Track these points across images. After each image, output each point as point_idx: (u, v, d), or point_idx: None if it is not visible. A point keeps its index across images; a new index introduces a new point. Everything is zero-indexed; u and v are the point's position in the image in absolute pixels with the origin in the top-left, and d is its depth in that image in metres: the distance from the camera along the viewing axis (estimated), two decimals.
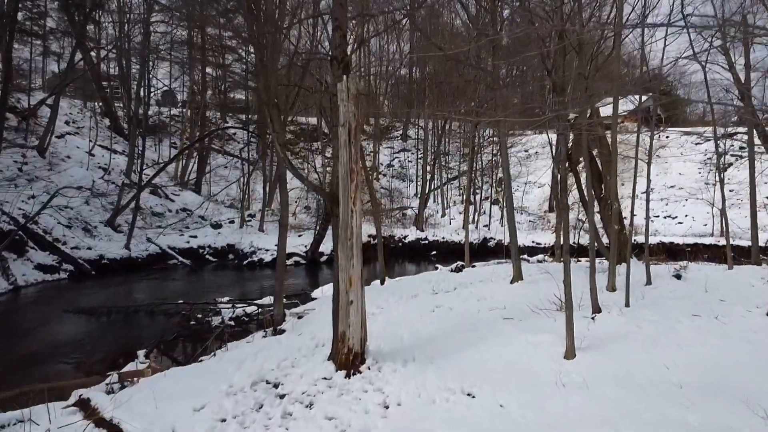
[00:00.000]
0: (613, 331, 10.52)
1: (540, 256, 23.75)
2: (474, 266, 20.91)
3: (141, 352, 12.58)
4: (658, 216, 36.93)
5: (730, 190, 36.18)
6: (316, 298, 17.12)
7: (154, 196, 30.42)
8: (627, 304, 12.57)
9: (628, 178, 39.92)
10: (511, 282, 16.18)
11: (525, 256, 24.44)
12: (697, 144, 41.48)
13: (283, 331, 12.09)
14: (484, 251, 31.07)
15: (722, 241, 32.17)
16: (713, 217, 33.44)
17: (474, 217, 37.60)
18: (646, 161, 17.08)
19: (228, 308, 16.01)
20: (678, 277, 16.73)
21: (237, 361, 8.66)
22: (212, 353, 10.76)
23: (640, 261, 18.00)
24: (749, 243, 18.94)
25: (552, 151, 34.30)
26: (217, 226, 29.72)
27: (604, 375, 8.21)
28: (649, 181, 16.30)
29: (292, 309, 13.78)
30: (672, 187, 39.03)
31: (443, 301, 13.13)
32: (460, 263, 19.71)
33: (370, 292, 14.99)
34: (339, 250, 7.59)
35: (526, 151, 46.99)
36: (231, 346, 11.34)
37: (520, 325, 10.85)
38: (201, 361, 11.28)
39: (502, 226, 38.31)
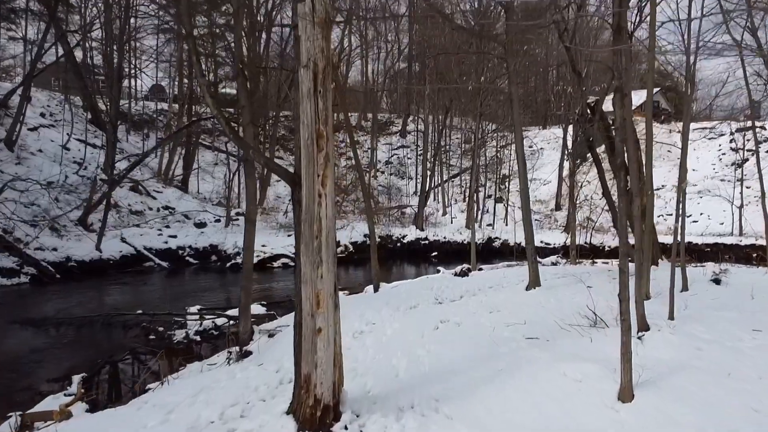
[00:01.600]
0: (669, 357, 8.01)
1: (553, 258, 21.21)
2: (481, 269, 18.41)
3: (77, 378, 10.09)
4: (671, 214, 34.42)
5: (747, 187, 33.78)
6: None
7: (134, 193, 27.88)
8: (671, 317, 10.08)
9: (658, 168, 37.53)
10: (527, 288, 13.66)
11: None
12: (710, 139, 38.91)
13: (248, 354, 9.56)
14: (488, 252, 28.53)
15: (744, 241, 29.90)
16: (732, 215, 30.92)
17: (477, 216, 35.19)
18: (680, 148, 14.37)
19: (195, 320, 13.49)
20: (717, 281, 14.50)
21: (166, 407, 6.11)
22: (147, 388, 8.22)
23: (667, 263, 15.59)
24: None
25: (567, 145, 31.81)
26: (201, 225, 27.19)
27: (681, 428, 5.71)
28: (684, 170, 13.74)
29: (264, 324, 11.17)
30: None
31: (448, 314, 10.60)
32: (465, 266, 17.17)
33: (359, 302, 12.43)
34: (302, 253, 5.06)
35: (530, 146, 44.43)
36: (181, 375, 8.84)
37: (550, 348, 8.31)
38: (148, 390, 8.80)
39: (506, 225, 35.85)
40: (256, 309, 13.44)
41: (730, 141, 37.24)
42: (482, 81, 20.92)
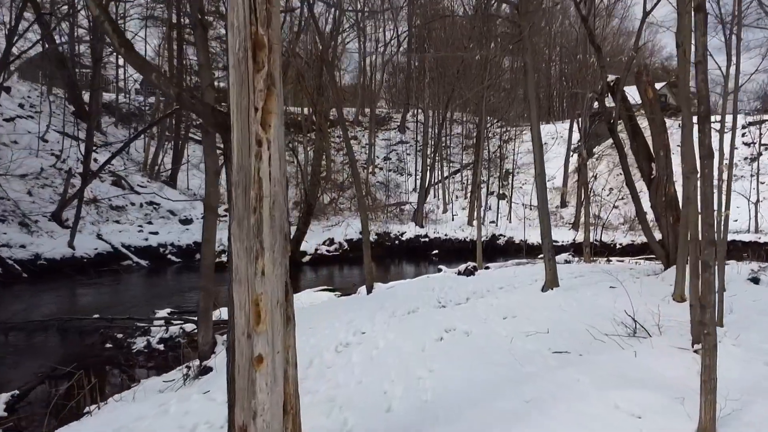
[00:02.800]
0: (739, 376, 6.20)
1: (566, 255, 19.29)
2: (488, 267, 16.51)
3: (5, 397, 8.28)
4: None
5: (762, 182, 31.98)
6: None
7: (116, 188, 25.97)
8: (720, 323, 8.24)
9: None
10: (544, 289, 11.76)
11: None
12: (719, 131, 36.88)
13: (208, 370, 7.65)
14: (492, 250, 26.58)
15: (764, 238, 28.01)
16: (749, 211, 29.04)
17: (479, 213, 33.23)
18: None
19: (161, 326, 11.59)
20: (755, 280, 12.67)
21: None
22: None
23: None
24: None
25: (580, 137, 29.84)
26: (187, 221, 25.25)
27: None
28: (732, 154, 11.85)
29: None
30: None
31: (454, 320, 8.69)
32: (471, 264, 15.24)
33: (349, 306, 10.51)
34: (233, 235, 3.14)
35: None
36: (125, 397, 6.96)
37: (587, 366, 6.42)
38: (85, 413, 6.94)
39: (510, 222, 33.98)
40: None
41: (743, 135, 35.31)
42: (491, 49, 18.94)
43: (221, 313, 11.80)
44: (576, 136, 40.15)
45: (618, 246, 25.84)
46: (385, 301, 10.58)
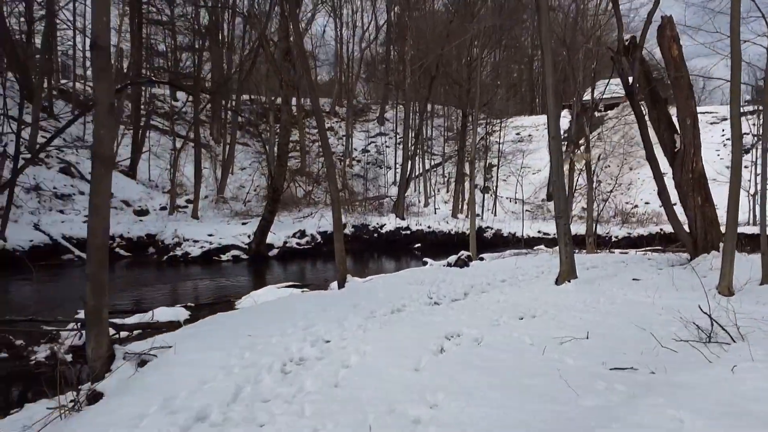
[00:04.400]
0: None
1: None
2: (482, 258, 14.09)
3: None
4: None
5: (757, 174, 30.04)
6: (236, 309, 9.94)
7: (64, 176, 23.02)
8: None
9: (637, 164, 33.64)
10: (558, 282, 9.35)
11: (541, 247, 17.70)
12: (712, 124, 35.19)
13: (98, 396, 5.02)
14: (479, 243, 24.09)
15: (755, 230, 26.13)
16: (748, 203, 27.18)
17: (461, 206, 30.95)
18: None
19: (74, 329, 8.91)
20: None
21: None
22: None
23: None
24: None
25: (569, 127, 27.67)
26: (142, 212, 22.41)
27: None
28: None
29: (135, 344, 6.45)
30: None
31: (456, 323, 6.23)
32: (464, 253, 12.75)
33: (312, 304, 7.88)
34: None
35: (518, 134, 40.39)
36: None
37: (679, 396, 3.98)
38: None
39: (495, 215, 31.75)
40: (162, 314, 8.93)
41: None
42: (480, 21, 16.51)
43: (148, 314, 9.19)
44: (565, 125, 38.29)
45: (614, 239, 23.72)
46: (362, 298, 8.04)
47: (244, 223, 20.31)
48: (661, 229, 25.58)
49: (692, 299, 8.56)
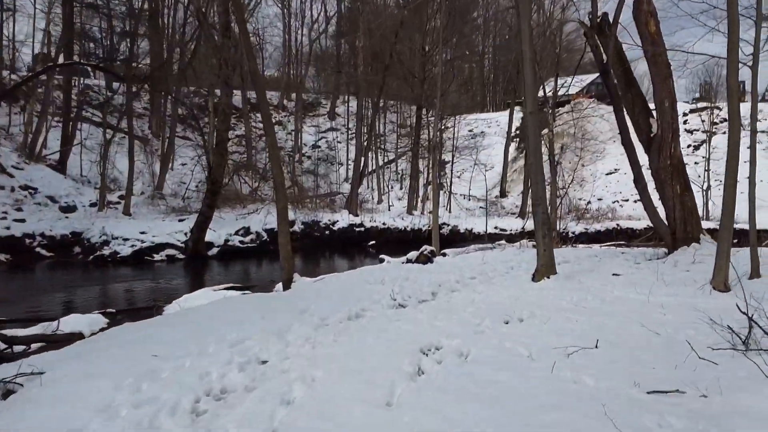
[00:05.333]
0: None
1: (524, 241, 15.91)
2: (445, 254, 12.86)
3: None
4: (627, 200, 30.44)
5: (707, 170, 30.23)
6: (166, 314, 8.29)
7: None
8: None
9: (590, 160, 33.39)
10: (535, 278, 8.18)
11: (502, 242, 16.66)
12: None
13: None
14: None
15: (710, 225, 26.09)
16: (703, 198, 27.19)
17: (415, 203, 29.85)
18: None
19: None
20: None
21: None
22: None
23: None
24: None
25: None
26: (69, 209, 20.16)
27: None
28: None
29: (12, 365, 4.86)
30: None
31: (429, 331, 4.91)
32: (427, 248, 11.42)
33: (251, 309, 6.33)
34: None
35: (471, 130, 39.64)
36: None
37: None
38: None
39: (449, 212, 30.74)
40: (71, 323, 7.26)
41: (684, 122, 33.80)
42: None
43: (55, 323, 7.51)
44: (516, 124, 37.79)
45: (571, 234, 23.03)
46: (311, 302, 6.60)
47: (181, 220, 18.42)
48: (617, 225, 25.17)
49: (688, 295, 7.56)
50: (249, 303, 6.61)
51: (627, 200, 30.73)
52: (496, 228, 24.28)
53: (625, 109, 11.24)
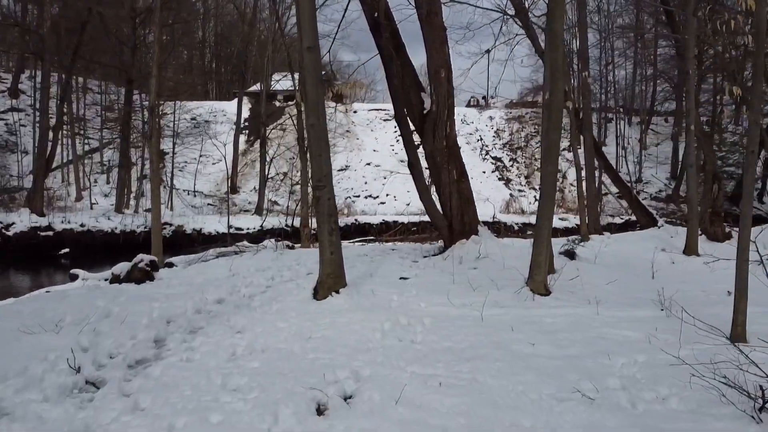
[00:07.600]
0: None
1: (267, 242, 13.14)
2: (172, 265, 9.28)
3: None
4: (370, 196, 30.10)
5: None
6: None
7: None
8: None
9: (342, 150, 32.31)
10: (318, 295, 5.60)
11: (244, 242, 13.62)
12: (386, 120, 36.27)
13: None
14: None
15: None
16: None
17: (126, 201, 24.59)
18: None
19: None
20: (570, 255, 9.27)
21: None
22: None
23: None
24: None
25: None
26: None
27: None
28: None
29: None
30: (368, 164, 32.78)
31: None
32: (146, 258, 7.43)
33: None
34: None
35: (193, 118, 35.21)
36: None
37: None
38: None
39: (171, 210, 26.21)
40: None
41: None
42: None
43: None
44: (245, 114, 34.72)
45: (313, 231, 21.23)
46: None
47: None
48: (356, 220, 24.31)
49: (515, 305, 5.75)
50: None
51: (370, 196, 30.30)
52: (231, 227, 21.03)
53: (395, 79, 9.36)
